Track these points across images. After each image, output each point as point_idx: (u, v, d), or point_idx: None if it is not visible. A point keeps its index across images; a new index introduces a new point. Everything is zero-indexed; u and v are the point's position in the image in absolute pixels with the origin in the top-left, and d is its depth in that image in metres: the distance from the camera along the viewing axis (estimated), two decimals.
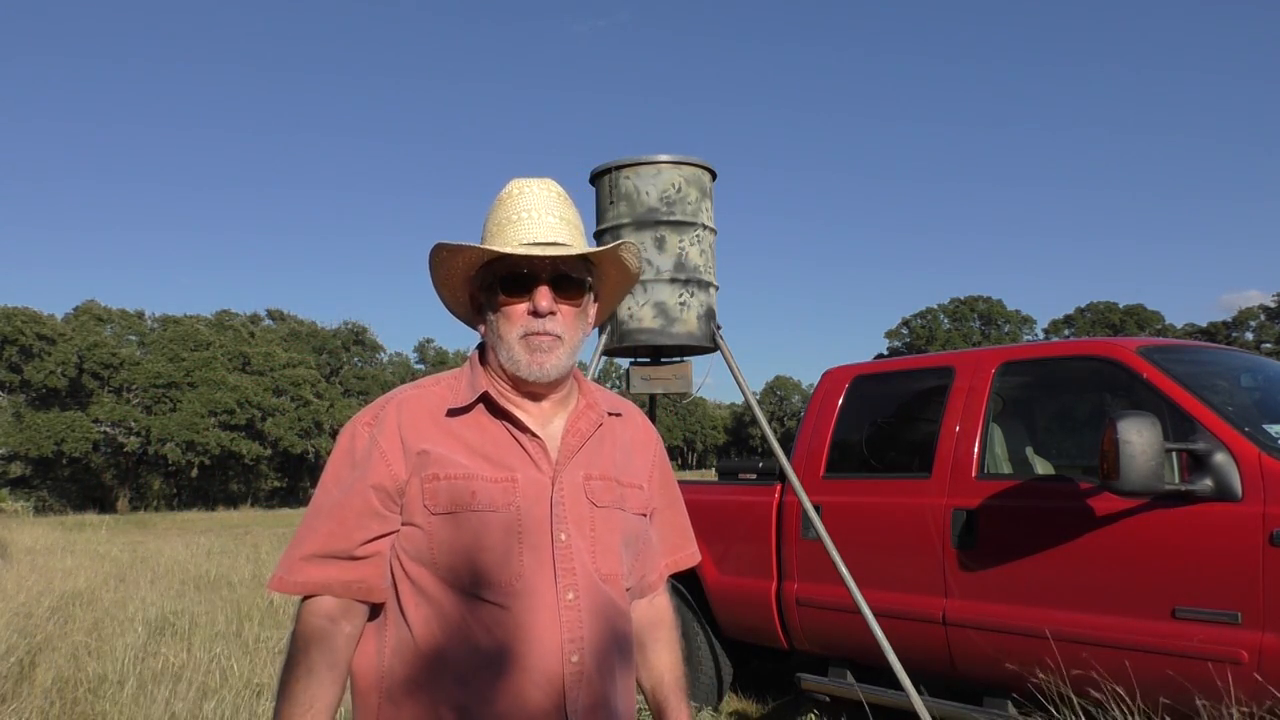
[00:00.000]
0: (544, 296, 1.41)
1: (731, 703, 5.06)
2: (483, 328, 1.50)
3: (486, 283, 1.46)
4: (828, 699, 4.32)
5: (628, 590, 1.50)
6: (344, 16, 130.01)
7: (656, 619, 1.61)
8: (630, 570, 1.51)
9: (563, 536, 1.39)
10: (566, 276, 1.44)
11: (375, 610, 1.41)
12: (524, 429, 1.43)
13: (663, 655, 1.60)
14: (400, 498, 1.39)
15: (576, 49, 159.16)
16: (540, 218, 1.44)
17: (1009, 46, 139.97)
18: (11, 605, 6.83)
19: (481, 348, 1.54)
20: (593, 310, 1.53)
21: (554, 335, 1.42)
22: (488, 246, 1.42)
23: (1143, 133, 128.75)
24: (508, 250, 1.39)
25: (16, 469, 46.83)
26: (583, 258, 1.46)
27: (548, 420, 1.48)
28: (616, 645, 1.43)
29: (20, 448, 43.61)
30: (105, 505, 44.38)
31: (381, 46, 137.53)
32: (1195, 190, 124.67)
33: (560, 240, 1.44)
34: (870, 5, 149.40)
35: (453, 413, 1.43)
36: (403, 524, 1.39)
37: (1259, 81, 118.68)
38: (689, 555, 1.68)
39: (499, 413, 1.44)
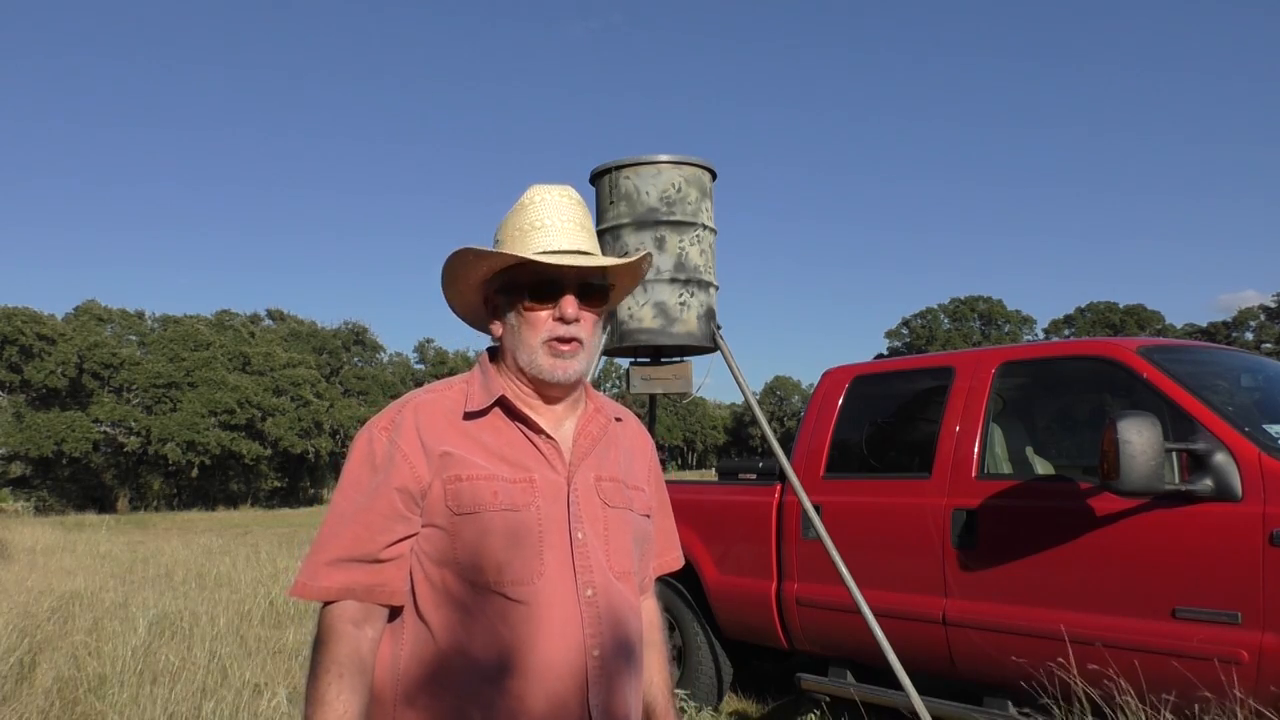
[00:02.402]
0: (570, 304, 1.45)
1: (731, 703, 5.06)
2: (498, 329, 1.51)
3: (507, 287, 1.48)
4: (828, 699, 4.32)
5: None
6: (342, 19, 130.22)
7: (647, 621, 1.64)
8: (639, 569, 1.54)
9: (579, 535, 1.43)
10: (590, 284, 1.48)
11: (391, 614, 1.43)
12: (539, 431, 1.47)
13: (652, 656, 1.64)
14: (422, 500, 1.40)
15: (572, 51, 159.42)
16: (563, 225, 1.48)
17: (1009, 46, 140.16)
18: (12, 605, 6.84)
19: (492, 349, 1.56)
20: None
21: (577, 341, 1.46)
22: (517, 253, 1.44)
23: (1142, 133, 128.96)
24: (539, 259, 1.42)
25: (16, 469, 46.78)
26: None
27: (560, 423, 1.51)
28: (631, 640, 1.47)
29: (20, 448, 43.58)
30: (105, 505, 44.35)
31: (379, 49, 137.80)
32: (1195, 190, 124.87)
33: (583, 248, 1.48)
34: (869, 5, 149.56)
35: (469, 416, 1.46)
36: (423, 525, 1.41)
37: (1258, 81, 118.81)
38: (675, 559, 1.73)
39: (514, 415, 1.47)
